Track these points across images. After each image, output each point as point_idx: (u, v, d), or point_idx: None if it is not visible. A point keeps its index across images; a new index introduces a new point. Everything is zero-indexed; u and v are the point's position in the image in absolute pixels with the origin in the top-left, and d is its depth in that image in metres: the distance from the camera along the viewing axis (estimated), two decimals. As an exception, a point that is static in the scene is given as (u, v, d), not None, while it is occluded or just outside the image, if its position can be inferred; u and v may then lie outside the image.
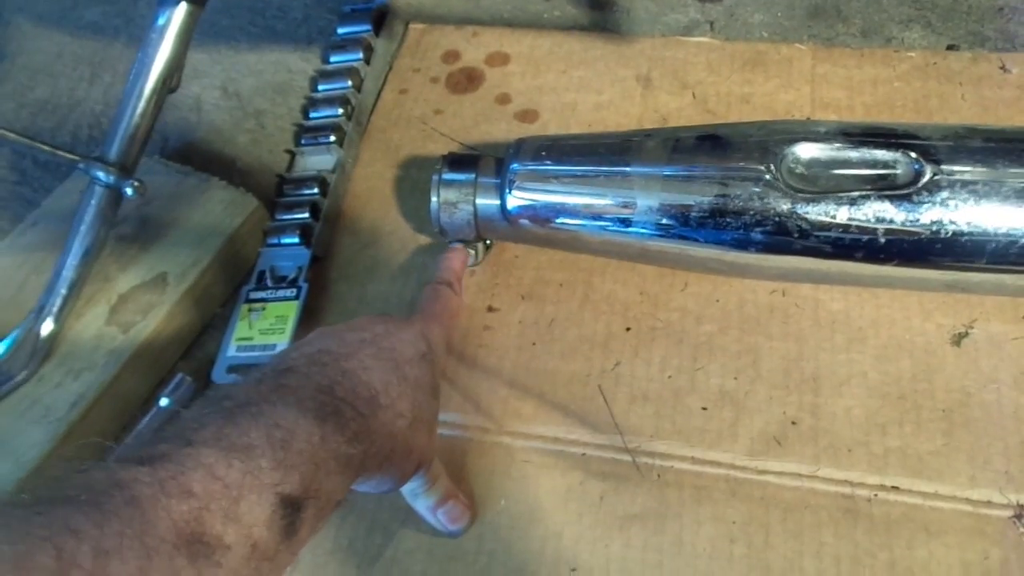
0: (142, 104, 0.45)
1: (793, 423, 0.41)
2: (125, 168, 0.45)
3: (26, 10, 0.68)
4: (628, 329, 0.45)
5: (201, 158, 0.57)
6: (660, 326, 0.45)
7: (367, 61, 0.59)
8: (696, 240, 0.41)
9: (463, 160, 0.46)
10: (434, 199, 0.45)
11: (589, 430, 0.42)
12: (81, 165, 0.44)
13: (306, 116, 0.57)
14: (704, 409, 0.42)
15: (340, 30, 0.61)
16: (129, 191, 0.43)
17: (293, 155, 0.56)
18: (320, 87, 0.58)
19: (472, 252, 0.48)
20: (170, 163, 0.54)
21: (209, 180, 0.53)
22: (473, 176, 0.45)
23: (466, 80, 0.59)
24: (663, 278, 0.47)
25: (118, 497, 0.20)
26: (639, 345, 0.45)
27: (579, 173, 0.43)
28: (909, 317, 0.43)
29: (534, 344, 0.46)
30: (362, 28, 0.60)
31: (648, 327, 0.45)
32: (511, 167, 0.44)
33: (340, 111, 0.56)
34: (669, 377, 0.43)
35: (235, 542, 0.22)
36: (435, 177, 0.46)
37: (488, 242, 0.49)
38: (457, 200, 0.45)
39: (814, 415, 0.41)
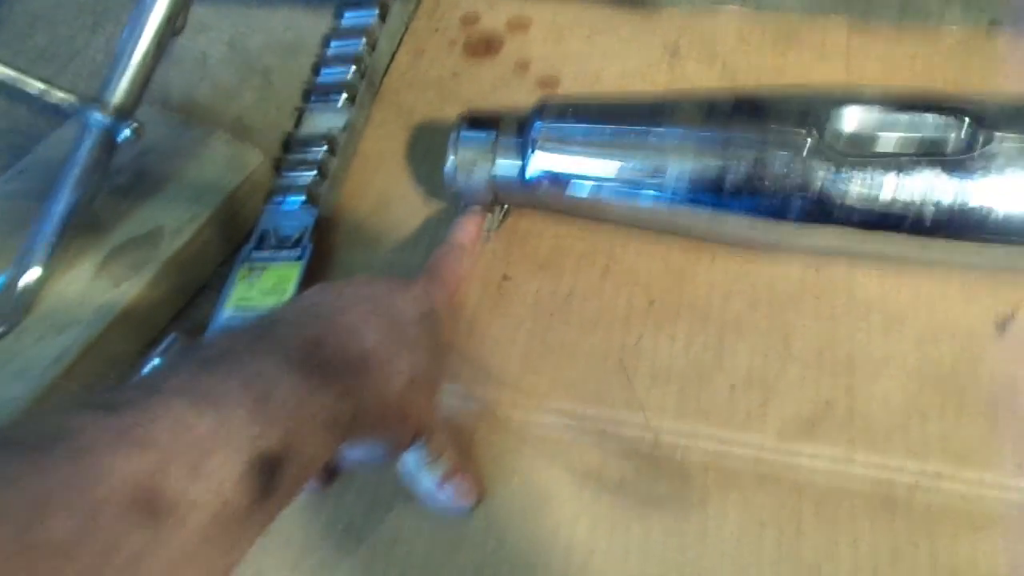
0: (144, 44, 0.42)
1: (827, 404, 0.38)
2: (123, 112, 0.42)
3: (26, -43, 0.65)
4: (651, 303, 0.43)
5: (204, 114, 0.54)
6: (685, 301, 0.43)
7: (382, 19, 0.56)
8: (730, 209, 0.39)
9: (483, 118, 0.44)
10: (451, 158, 0.43)
11: (608, 407, 0.39)
12: (76, 104, 0.41)
13: (316, 74, 0.55)
14: (732, 388, 0.39)
15: (355, -12, 0.58)
16: (127, 132, 0.41)
17: (301, 112, 0.53)
18: (333, 44, 0.55)
19: (488, 217, 0.46)
20: (171, 113, 0.52)
21: (212, 133, 0.50)
22: (494, 135, 0.43)
23: (485, 45, 0.56)
24: (689, 251, 0.44)
25: (65, 445, 0.18)
26: (663, 320, 0.42)
27: (607, 135, 0.41)
28: (950, 300, 0.41)
29: (551, 316, 0.43)
30: (378, -13, 0.57)
31: (673, 302, 0.43)
32: (534, 126, 0.41)
33: (352, 69, 0.53)
34: (695, 355, 0.41)
35: (201, 499, 0.19)
36: (452, 135, 0.43)
37: (504, 208, 0.47)
38: (475, 160, 0.43)
39: (850, 397, 0.38)
